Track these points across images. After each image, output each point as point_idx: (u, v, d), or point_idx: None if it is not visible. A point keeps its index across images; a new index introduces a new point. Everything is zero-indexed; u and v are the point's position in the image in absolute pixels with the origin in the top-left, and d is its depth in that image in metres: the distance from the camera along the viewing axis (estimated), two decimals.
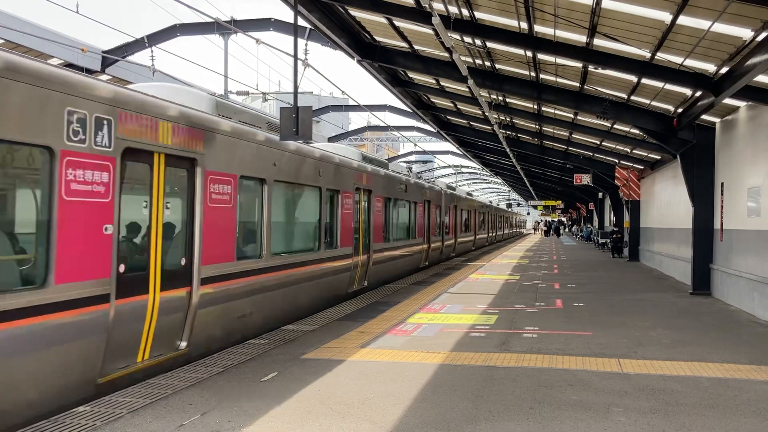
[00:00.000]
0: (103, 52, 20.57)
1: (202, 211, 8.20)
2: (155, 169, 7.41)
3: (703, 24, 9.32)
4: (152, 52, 20.12)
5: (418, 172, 43.01)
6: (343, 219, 13.67)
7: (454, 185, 43.44)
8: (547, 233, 70.80)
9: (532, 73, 14.77)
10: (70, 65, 18.20)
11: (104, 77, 20.21)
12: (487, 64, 15.01)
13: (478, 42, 13.22)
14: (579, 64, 12.77)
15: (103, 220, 6.53)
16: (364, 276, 15.33)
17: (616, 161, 25.72)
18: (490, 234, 45.73)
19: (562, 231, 79.02)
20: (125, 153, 6.87)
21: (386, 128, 39.33)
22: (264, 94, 22.68)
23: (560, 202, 62.27)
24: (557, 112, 18.75)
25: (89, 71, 19.12)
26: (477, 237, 37.83)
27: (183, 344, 7.96)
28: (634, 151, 22.56)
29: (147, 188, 7.35)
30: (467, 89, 15.89)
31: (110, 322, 6.57)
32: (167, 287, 7.59)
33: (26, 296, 5.62)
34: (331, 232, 13.21)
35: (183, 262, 7.97)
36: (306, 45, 15.05)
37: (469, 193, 39.28)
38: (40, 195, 5.91)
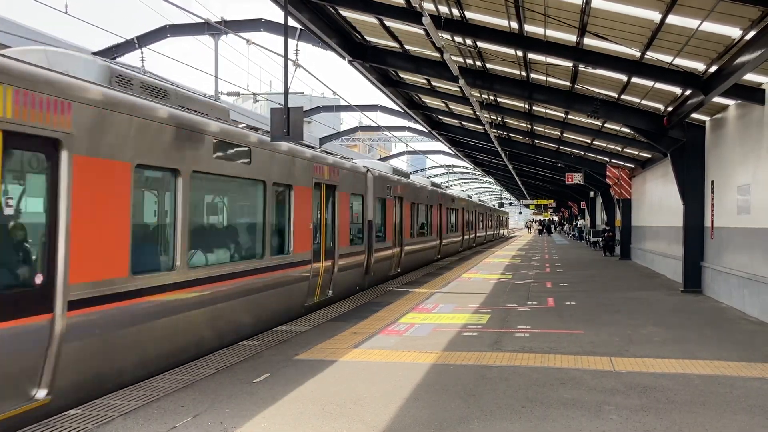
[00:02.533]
0: (92, 53, 20.48)
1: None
2: None
3: (692, 23, 9.37)
4: (142, 53, 20.06)
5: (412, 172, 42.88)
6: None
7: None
8: (541, 232, 74.35)
9: (523, 73, 14.81)
10: None
11: None
12: (478, 63, 15.04)
13: (468, 42, 13.24)
14: (569, 64, 12.81)
15: None
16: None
17: (607, 160, 25.82)
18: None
19: (553, 230, 79.77)
20: None
21: (378, 128, 39.34)
22: (255, 94, 22.64)
23: (552, 201, 62.43)
24: (548, 111, 18.80)
25: None
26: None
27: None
28: (624, 150, 22.65)
29: None
30: (458, 89, 15.91)
31: None
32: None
33: None
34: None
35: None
36: (297, 45, 15.03)
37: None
38: None
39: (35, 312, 5.80)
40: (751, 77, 10.85)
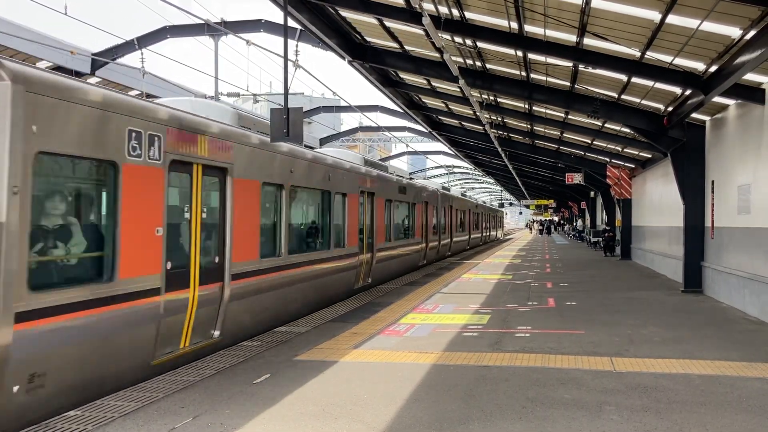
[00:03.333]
0: (92, 54, 20.50)
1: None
2: None
3: (692, 23, 9.37)
4: (142, 54, 20.06)
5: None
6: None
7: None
8: (541, 232, 75.31)
9: (523, 73, 14.80)
10: (59, 68, 18.12)
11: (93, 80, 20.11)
12: (478, 64, 15.03)
13: (468, 42, 13.24)
14: (569, 64, 12.81)
15: None
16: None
17: (608, 160, 25.81)
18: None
19: (552, 230, 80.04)
20: None
21: (378, 129, 39.34)
22: (255, 95, 22.63)
23: (552, 201, 62.41)
24: (548, 111, 18.80)
25: (78, 74, 19.04)
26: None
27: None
28: (625, 150, 22.64)
29: None
30: (458, 89, 15.91)
31: None
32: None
33: None
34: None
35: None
36: (297, 46, 15.05)
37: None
38: None
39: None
40: (751, 77, 10.84)
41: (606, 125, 18.52)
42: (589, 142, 22.94)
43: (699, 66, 11.14)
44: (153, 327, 7.55)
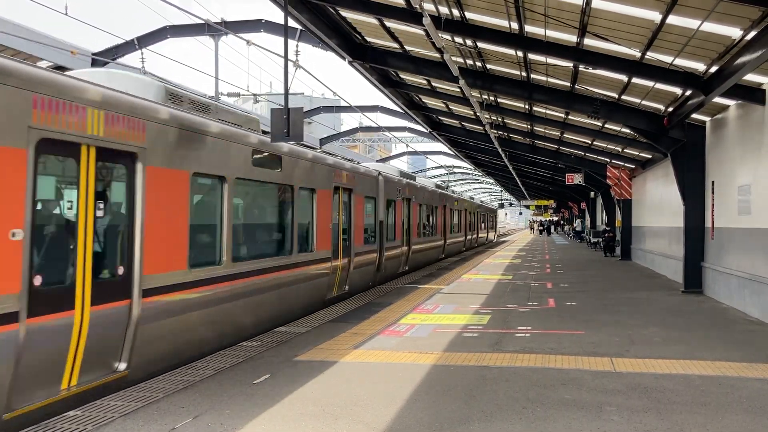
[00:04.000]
0: (92, 54, 20.50)
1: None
2: None
3: (692, 23, 9.36)
4: (142, 53, 20.06)
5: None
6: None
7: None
8: (541, 232, 75.57)
9: (523, 73, 14.80)
10: (59, 68, 18.12)
11: None
12: (478, 64, 15.03)
13: (468, 42, 13.24)
14: (570, 64, 12.80)
15: None
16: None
17: (608, 160, 25.81)
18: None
19: (552, 230, 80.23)
20: None
21: (378, 129, 39.35)
22: (255, 95, 22.63)
23: (552, 201, 62.42)
24: (548, 111, 18.79)
25: None
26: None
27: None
28: (625, 150, 22.63)
29: None
30: (458, 89, 15.91)
31: None
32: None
33: None
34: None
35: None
36: (297, 46, 15.05)
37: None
38: None
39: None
40: (751, 77, 10.84)
41: (606, 126, 18.51)
42: (590, 142, 22.94)
43: (699, 66, 11.13)
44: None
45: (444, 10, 11.48)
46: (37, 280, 5.92)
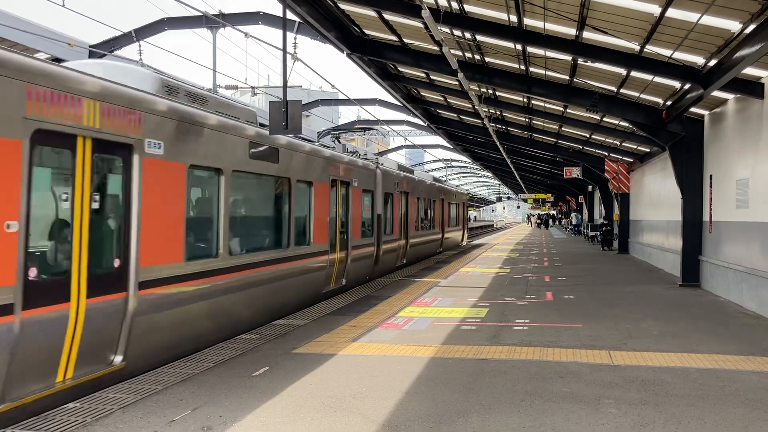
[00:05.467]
0: (90, 46, 20.43)
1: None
2: None
3: (691, 16, 9.35)
4: (140, 46, 19.98)
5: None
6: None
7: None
8: (539, 225, 75.56)
9: (522, 67, 14.78)
10: (56, 60, 18.06)
11: None
12: (477, 57, 15.00)
13: (467, 35, 13.20)
14: (568, 57, 12.79)
15: None
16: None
17: (606, 154, 25.81)
18: None
19: (551, 224, 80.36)
20: None
21: (376, 122, 39.31)
22: (253, 88, 22.59)
23: (550, 195, 62.47)
24: (547, 105, 18.77)
25: None
26: None
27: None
28: (623, 144, 22.64)
29: None
30: (457, 83, 15.89)
31: None
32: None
33: None
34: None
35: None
36: (295, 39, 15.03)
37: None
38: None
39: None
40: (750, 71, 10.84)
41: (605, 119, 18.51)
42: (588, 136, 22.93)
43: (698, 60, 11.13)
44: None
45: (443, 2, 11.45)
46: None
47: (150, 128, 7.55)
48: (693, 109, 14.24)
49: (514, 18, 11.40)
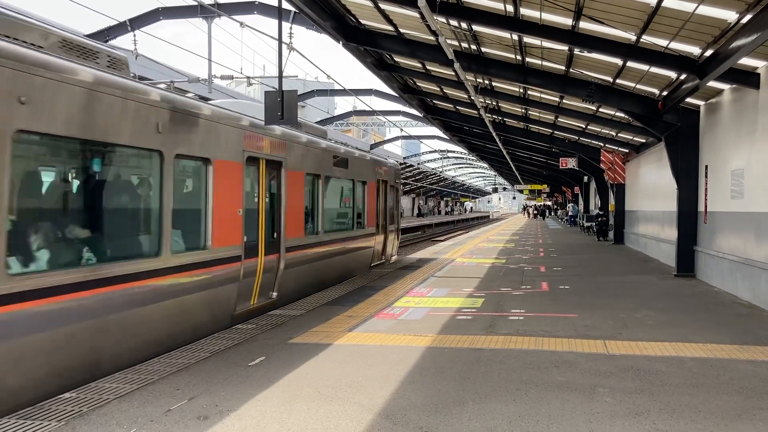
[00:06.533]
0: (84, 36, 20.29)
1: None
2: None
3: (688, 6, 9.34)
4: (135, 36, 19.88)
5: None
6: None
7: None
8: (536, 216, 76.49)
9: (518, 57, 14.75)
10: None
11: None
12: (473, 47, 14.96)
13: (464, 25, 13.16)
14: (565, 48, 12.76)
15: None
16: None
17: (602, 145, 25.83)
18: None
19: (547, 214, 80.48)
20: None
21: (372, 113, 39.23)
22: (248, 78, 22.48)
23: (546, 186, 62.52)
24: (543, 95, 18.76)
25: None
26: None
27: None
28: (619, 135, 22.65)
29: None
30: (453, 73, 15.84)
31: None
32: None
33: None
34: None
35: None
36: (291, 28, 14.96)
37: None
38: None
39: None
40: (746, 61, 10.83)
41: (600, 110, 18.51)
42: (584, 126, 22.94)
43: (694, 50, 11.12)
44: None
45: None
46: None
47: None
48: (689, 100, 14.24)
49: (510, 8, 11.37)
